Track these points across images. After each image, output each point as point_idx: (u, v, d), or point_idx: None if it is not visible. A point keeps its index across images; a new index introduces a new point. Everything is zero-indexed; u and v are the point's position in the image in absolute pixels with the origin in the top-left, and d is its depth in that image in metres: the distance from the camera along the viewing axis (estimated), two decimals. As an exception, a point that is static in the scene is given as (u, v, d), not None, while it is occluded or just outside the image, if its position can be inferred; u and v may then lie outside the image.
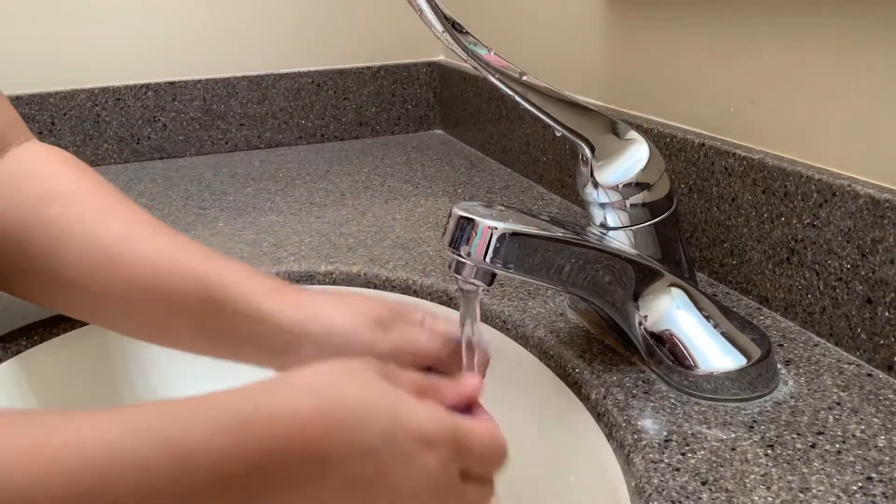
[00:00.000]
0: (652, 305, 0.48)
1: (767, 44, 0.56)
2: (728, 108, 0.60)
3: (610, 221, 0.49)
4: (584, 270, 0.46)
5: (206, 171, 1.03)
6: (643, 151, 0.48)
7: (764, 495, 0.38)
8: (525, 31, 0.91)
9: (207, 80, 1.10)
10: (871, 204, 0.47)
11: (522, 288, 0.62)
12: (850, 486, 0.39)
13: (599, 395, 0.48)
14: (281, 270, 0.67)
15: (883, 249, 0.47)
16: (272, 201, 0.88)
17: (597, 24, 0.76)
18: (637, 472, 0.41)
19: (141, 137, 1.09)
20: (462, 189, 0.90)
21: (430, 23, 0.42)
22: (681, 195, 0.63)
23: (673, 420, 0.44)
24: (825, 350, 0.51)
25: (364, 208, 0.84)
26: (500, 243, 0.43)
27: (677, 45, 0.65)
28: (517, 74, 0.45)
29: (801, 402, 0.46)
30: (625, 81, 0.73)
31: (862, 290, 0.49)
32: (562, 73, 0.83)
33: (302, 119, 1.16)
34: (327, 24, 1.14)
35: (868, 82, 0.49)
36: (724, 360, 0.47)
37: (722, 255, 0.60)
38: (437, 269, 0.66)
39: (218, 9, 1.09)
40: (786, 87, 0.55)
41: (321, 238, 0.75)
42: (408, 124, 1.21)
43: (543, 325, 0.56)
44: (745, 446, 0.42)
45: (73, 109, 1.04)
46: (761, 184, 0.55)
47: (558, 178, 0.85)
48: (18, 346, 0.58)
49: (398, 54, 1.19)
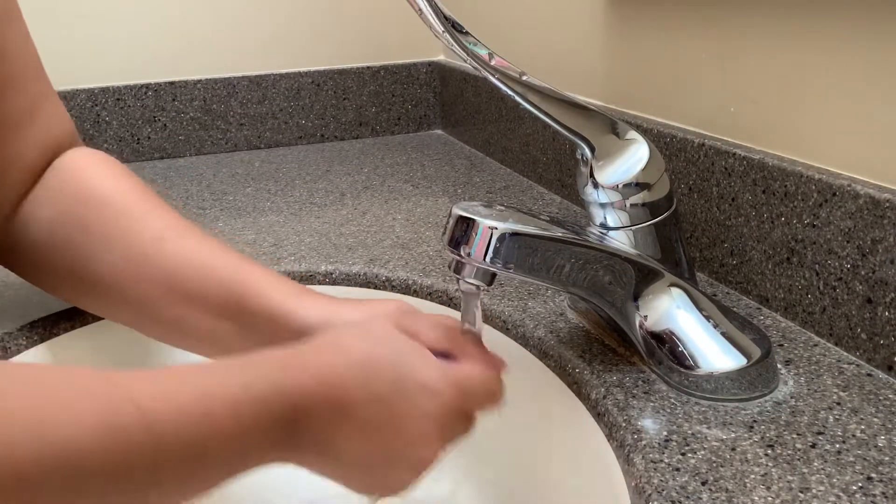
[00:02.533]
0: (652, 305, 0.48)
1: (767, 44, 0.56)
2: (728, 108, 0.60)
3: (610, 221, 0.49)
4: (584, 270, 0.46)
5: (206, 171, 1.03)
6: (643, 151, 0.48)
7: (764, 495, 0.38)
8: (525, 31, 0.91)
9: (207, 80, 1.10)
10: (871, 204, 0.47)
11: (522, 288, 0.62)
12: (850, 486, 0.39)
13: (599, 395, 0.48)
14: (281, 270, 0.67)
15: (883, 249, 0.47)
16: (272, 201, 0.88)
17: (597, 24, 0.76)
18: (637, 472, 0.41)
19: (141, 137, 1.09)
20: (462, 189, 0.90)
21: (430, 23, 0.42)
22: (681, 195, 0.63)
23: (673, 420, 0.44)
24: (825, 350, 0.51)
25: (364, 208, 0.84)
26: (500, 243, 0.43)
27: (677, 44, 0.65)
28: (517, 74, 0.45)
29: (801, 402, 0.46)
30: (625, 81, 0.73)
31: (862, 290, 0.49)
32: (562, 73, 0.83)
33: (302, 119, 1.16)
34: (327, 24, 1.14)
35: (868, 82, 0.49)
36: (724, 360, 0.47)
37: (722, 255, 0.60)
38: (437, 269, 0.66)
39: (218, 9, 1.09)
40: (786, 87, 0.55)
41: (321, 238, 0.75)
42: (408, 124, 1.21)
43: (543, 325, 0.56)
44: (745, 446, 0.42)
45: (73, 109, 1.04)
46: (761, 184, 0.55)
47: (558, 178, 0.85)
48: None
49: (398, 54, 1.19)
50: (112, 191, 0.52)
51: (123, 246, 0.50)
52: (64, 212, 0.51)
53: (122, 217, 0.51)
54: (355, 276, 0.67)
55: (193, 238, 0.51)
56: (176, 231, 0.51)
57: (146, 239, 0.50)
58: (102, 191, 0.52)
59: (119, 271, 0.50)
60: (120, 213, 0.51)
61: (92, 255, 0.50)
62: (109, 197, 0.52)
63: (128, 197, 0.52)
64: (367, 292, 0.66)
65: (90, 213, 0.51)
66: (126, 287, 0.50)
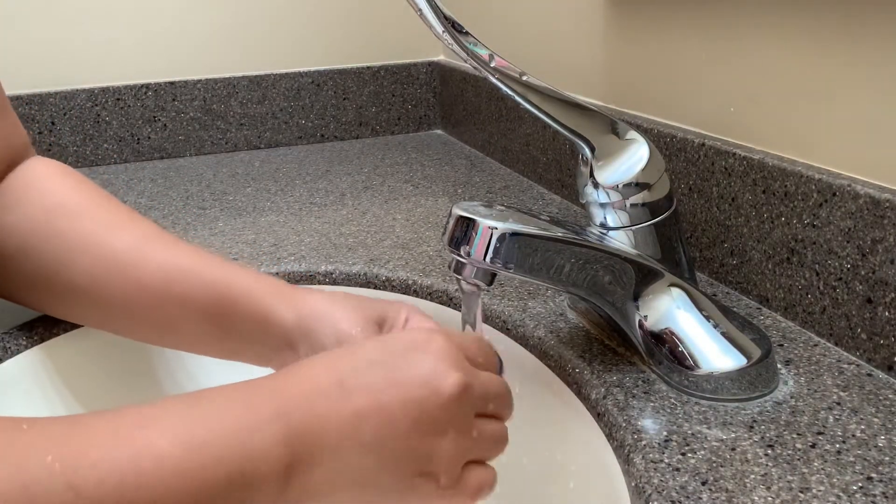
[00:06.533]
0: (652, 305, 0.48)
1: (767, 44, 0.56)
2: (728, 108, 0.60)
3: (610, 221, 0.49)
4: (584, 270, 0.46)
5: (206, 171, 1.03)
6: (643, 151, 0.48)
7: (764, 495, 0.38)
8: (525, 31, 0.91)
9: (207, 80, 1.10)
10: (871, 204, 0.47)
11: (522, 288, 0.62)
12: (850, 486, 0.39)
13: (599, 395, 0.48)
14: (281, 270, 0.67)
15: (883, 249, 0.47)
16: (272, 201, 0.88)
17: (597, 24, 0.76)
18: (637, 472, 0.41)
19: (141, 137, 1.09)
20: (462, 189, 0.90)
21: (430, 23, 0.42)
22: (681, 195, 0.63)
23: (673, 420, 0.44)
24: (825, 350, 0.51)
25: (364, 208, 0.84)
26: (500, 243, 0.43)
27: (677, 44, 0.65)
28: (517, 74, 0.45)
29: (801, 402, 0.46)
30: (625, 81, 0.73)
31: (862, 290, 0.49)
32: (562, 73, 0.83)
33: (302, 119, 1.16)
34: (327, 24, 1.14)
35: (868, 82, 0.49)
36: (724, 360, 0.47)
37: (722, 255, 0.60)
38: (437, 269, 0.66)
39: (218, 9, 1.09)
40: (786, 88, 0.55)
41: (321, 238, 0.75)
42: (408, 124, 1.21)
43: (543, 325, 0.56)
44: (745, 446, 0.42)
45: (73, 109, 1.04)
46: (761, 184, 0.55)
47: (558, 178, 0.85)
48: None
49: (398, 54, 1.19)
50: (81, 200, 0.53)
51: (99, 254, 0.50)
52: (28, 220, 0.51)
53: (96, 225, 0.51)
54: (355, 276, 0.67)
55: (171, 243, 0.51)
56: (152, 238, 0.51)
57: (123, 246, 0.50)
58: (70, 200, 0.52)
59: (94, 277, 0.50)
60: (93, 220, 0.51)
61: (63, 262, 0.50)
62: (80, 206, 0.52)
63: (97, 206, 0.53)
64: (368, 292, 0.66)
65: (59, 222, 0.51)
66: (101, 292, 0.50)
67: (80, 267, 0.50)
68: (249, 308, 0.48)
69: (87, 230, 0.51)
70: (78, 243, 0.50)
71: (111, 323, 0.53)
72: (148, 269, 0.49)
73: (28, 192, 0.52)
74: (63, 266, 0.50)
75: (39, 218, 0.51)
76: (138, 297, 0.50)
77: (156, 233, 0.52)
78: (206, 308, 0.49)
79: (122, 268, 0.50)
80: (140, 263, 0.50)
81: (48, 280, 0.51)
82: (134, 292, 0.50)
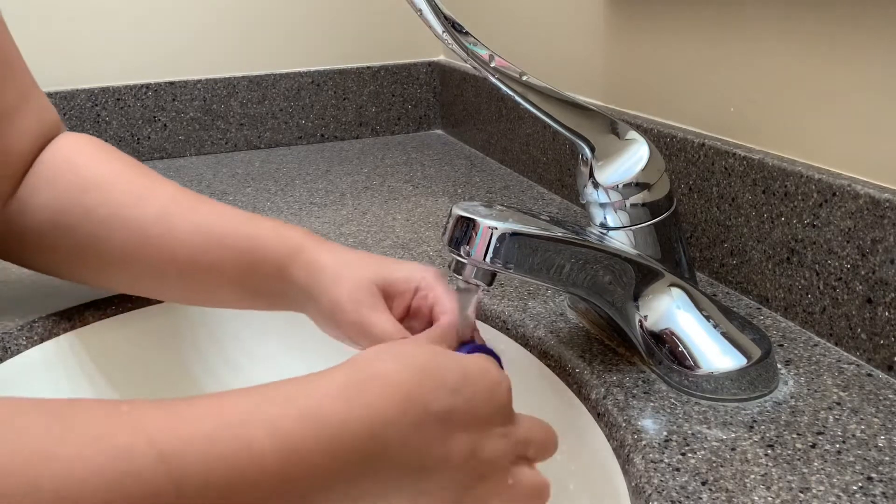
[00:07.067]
0: (652, 305, 0.48)
1: (767, 44, 0.56)
2: (728, 108, 0.60)
3: (610, 221, 0.49)
4: (584, 270, 0.46)
5: (206, 171, 1.03)
6: (643, 151, 0.48)
7: (764, 495, 0.38)
8: (525, 31, 0.91)
9: (207, 80, 1.10)
10: (871, 204, 0.47)
11: (522, 288, 0.62)
12: (850, 486, 0.39)
13: (599, 395, 0.48)
14: (281, 270, 0.67)
15: (883, 249, 0.47)
16: (272, 201, 0.88)
17: (597, 24, 0.76)
18: (637, 472, 0.41)
19: (141, 137, 1.09)
20: (462, 189, 0.90)
21: (430, 23, 0.42)
22: (681, 195, 0.63)
23: (673, 420, 0.44)
24: (825, 350, 0.51)
25: (364, 208, 0.84)
26: (500, 243, 0.43)
27: (677, 44, 0.65)
28: (517, 74, 0.45)
29: (801, 402, 0.46)
30: (625, 81, 0.73)
31: (862, 290, 0.49)
32: (562, 73, 0.83)
33: (302, 119, 1.16)
34: (327, 24, 1.14)
35: (868, 82, 0.49)
36: (724, 360, 0.47)
37: (722, 255, 0.60)
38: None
39: (218, 9, 1.09)
40: (786, 87, 0.55)
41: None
42: (408, 124, 1.21)
43: (543, 325, 0.56)
44: (745, 446, 0.42)
45: (73, 109, 1.04)
46: (761, 184, 0.55)
47: (558, 178, 0.85)
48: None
49: (398, 54, 1.19)
50: (109, 173, 0.54)
51: (130, 226, 0.52)
52: (63, 197, 0.53)
53: (125, 197, 0.53)
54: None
55: (198, 208, 0.53)
56: (180, 205, 0.53)
57: (151, 216, 0.52)
58: (100, 174, 0.54)
59: (126, 251, 0.52)
60: (122, 192, 0.53)
61: (97, 237, 0.52)
62: (108, 179, 0.54)
63: (125, 177, 0.54)
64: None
65: (91, 197, 0.53)
66: (135, 264, 0.53)
67: (112, 242, 0.52)
68: (270, 270, 0.51)
69: (117, 202, 0.52)
70: (108, 219, 0.52)
71: (143, 289, 0.57)
72: (177, 239, 0.52)
73: (60, 169, 0.54)
74: (97, 240, 0.52)
75: (72, 194, 0.53)
76: (169, 267, 0.52)
77: (181, 196, 0.54)
78: (233, 274, 0.51)
79: (153, 240, 0.52)
80: (167, 234, 0.52)
81: (83, 255, 0.53)
82: (165, 263, 0.52)
